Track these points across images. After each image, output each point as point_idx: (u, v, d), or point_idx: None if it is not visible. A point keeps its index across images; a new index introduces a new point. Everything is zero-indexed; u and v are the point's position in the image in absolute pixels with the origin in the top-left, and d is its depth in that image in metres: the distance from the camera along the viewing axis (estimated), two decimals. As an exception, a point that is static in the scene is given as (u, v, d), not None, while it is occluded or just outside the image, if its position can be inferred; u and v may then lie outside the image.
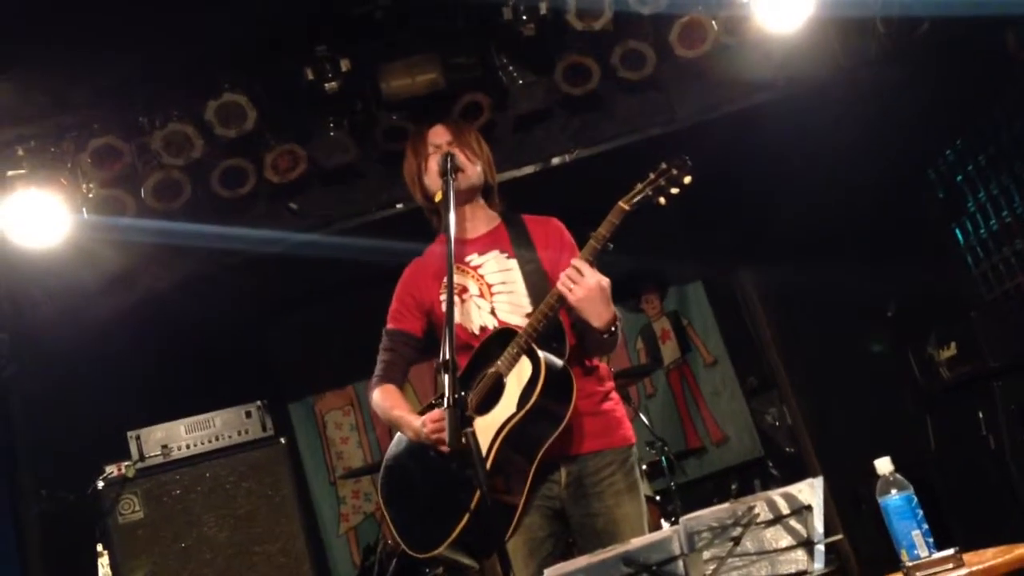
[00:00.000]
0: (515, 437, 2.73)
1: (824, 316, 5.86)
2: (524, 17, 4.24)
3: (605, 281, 2.73)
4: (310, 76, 4.25)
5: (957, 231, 5.27)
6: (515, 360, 2.76)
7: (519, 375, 2.75)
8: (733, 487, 6.39)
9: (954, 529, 4.50)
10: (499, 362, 2.78)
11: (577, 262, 2.73)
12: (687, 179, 2.77)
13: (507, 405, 2.74)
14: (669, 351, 6.82)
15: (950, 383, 4.66)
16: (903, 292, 5.41)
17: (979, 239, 5.14)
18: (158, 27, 3.93)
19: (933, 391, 4.83)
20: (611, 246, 2.74)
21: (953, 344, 4.62)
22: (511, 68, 4.50)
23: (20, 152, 4.24)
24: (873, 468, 2.56)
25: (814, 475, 2.28)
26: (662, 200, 2.78)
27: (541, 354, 2.75)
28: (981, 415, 4.41)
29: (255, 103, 4.21)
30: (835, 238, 5.59)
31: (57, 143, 4.26)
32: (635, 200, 2.78)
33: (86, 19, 3.78)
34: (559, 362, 2.79)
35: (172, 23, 3.92)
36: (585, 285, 2.70)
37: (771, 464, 6.43)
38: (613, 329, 2.76)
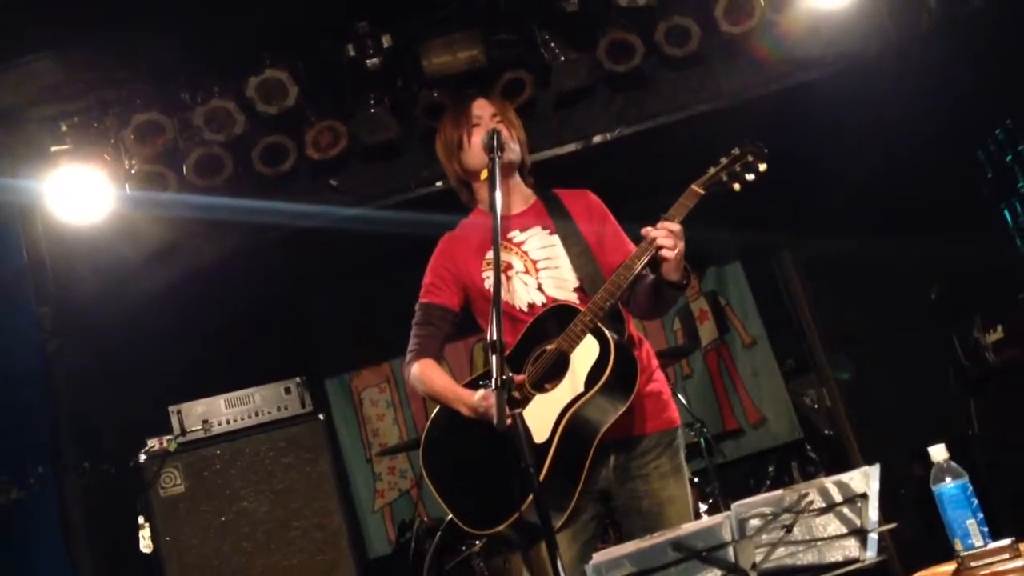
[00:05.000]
0: (580, 418, 2.70)
1: (866, 298, 5.75)
2: (567, -8, 4.20)
3: None
4: (351, 52, 4.24)
5: (1006, 212, 5.15)
6: (579, 338, 2.72)
7: (585, 354, 2.70)
8: (771, 469, 6.33)
9: (999, 516, 4.42)
10: (560, 339, 2.74)
11: (666, 224, 2.70)
12: (762, 166, 2.77)
13: (572, 384, 2.70)
14: (707, 332, 6.76)
15: (996, 367, 4.56)
16: (949, 273, 5.30)
17: (1029, 221, 5.03)
18: (200, 3, 3.93)
19: (978, 375, 4.74)
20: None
21: (1000, 327, 4.51)
22: (553, 45, 4.44)
23: (64, 128, 4.27)
24: (913, 452, 2.51)
25: (853, 457, 2.25)
26: (736, 186, 2.78)
27: (609, 334, 2.71)
28: (1029, 400, 4.33)
29: (296, 79, 4.21)
30: (879, 218, 5.48)
31: (100, 119, 4.29)
32: (709, 184, 2.77)
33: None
34: (625, 343, 2.76)
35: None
36: (680, 246, 2.69)
37: (809, 447, 6.35)
38: (686, 281, 2.77)
